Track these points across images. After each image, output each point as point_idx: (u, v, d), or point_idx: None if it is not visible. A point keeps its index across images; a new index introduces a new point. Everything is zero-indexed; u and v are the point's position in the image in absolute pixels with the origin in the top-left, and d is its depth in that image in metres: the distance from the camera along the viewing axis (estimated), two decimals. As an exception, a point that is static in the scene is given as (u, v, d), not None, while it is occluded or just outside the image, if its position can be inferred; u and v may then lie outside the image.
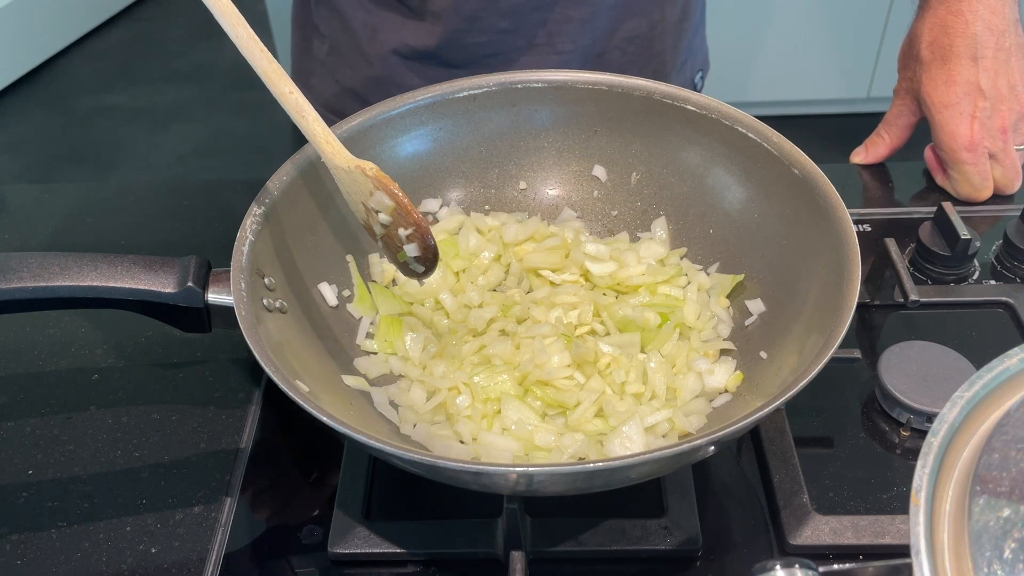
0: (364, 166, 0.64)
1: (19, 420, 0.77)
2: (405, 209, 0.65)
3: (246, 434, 0.75)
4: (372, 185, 0.65)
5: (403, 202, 0.64)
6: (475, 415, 0.68)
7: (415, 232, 0.65)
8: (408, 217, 0.65)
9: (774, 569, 0.46)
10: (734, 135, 0.76)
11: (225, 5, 0.63)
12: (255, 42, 0.63)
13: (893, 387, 0.71)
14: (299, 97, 0.64)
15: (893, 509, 0.66)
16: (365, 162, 0.65)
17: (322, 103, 1.06)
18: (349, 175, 0.66)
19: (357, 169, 0.65)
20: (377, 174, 0.64)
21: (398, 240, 0.66)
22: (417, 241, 0.66)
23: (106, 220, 0.99)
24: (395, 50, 0.98)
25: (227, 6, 0.63)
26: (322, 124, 0.66)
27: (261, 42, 0.64)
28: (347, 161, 0.65)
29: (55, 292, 0.64)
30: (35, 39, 3.27)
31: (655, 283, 0.77)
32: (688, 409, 0.69)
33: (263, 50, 0.64)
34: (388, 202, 0.65)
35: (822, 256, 0.67)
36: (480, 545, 0.65)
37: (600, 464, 0.52)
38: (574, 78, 0.81)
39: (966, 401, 0.43)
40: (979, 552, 0.38)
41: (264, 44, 0.65)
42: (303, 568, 0.66)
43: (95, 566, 0.66)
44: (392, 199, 0.64)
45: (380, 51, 0.99)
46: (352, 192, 0.67)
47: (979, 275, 0.85)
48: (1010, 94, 0.89)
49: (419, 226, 0.65)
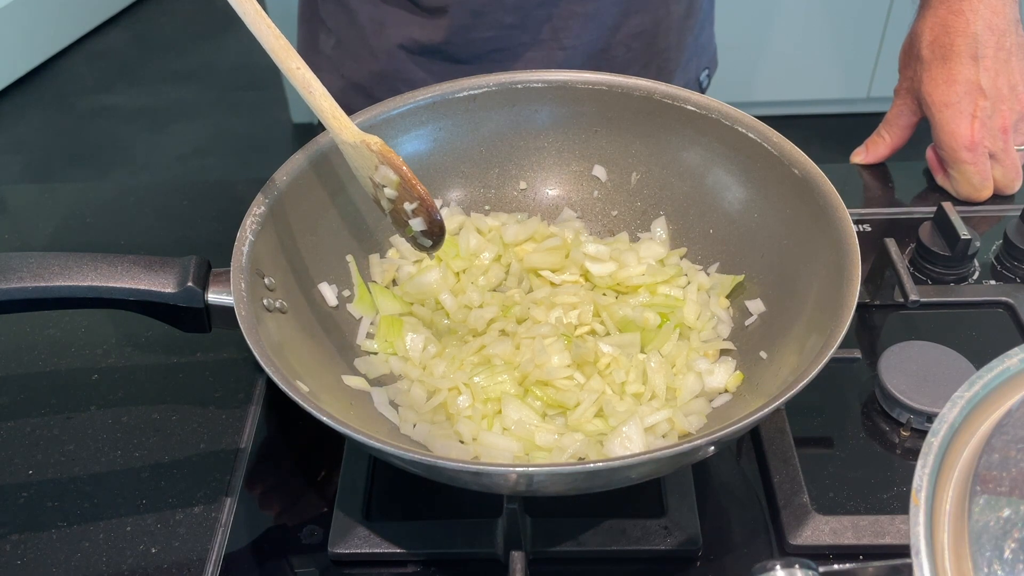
0: (369, 140, 0.65)
1: (19, 420, 0.77)
2: (409, 183, 0.65)
3: (246, 434, 0.75)
4: (377, 159, 0.65)
5: (407, 175, 0.65)
6: (475, 415, 0.68)
7: (420, 206, 0.65)
8: (413, 191, 0.65)
9: (774, 569, 0.46)
10: (734, 135, 0.76)
11: None
12: (262, 18, 0.63)
13: (893, 387, 0.71)
14: (306, 72, 0.64)
15: (893, 509, 0.66)
16: (370, 136, 0.65)
17: None
18: (356, 150, 0.66)
19: (363, 144, 0.65)
20: (381, 148, 0.65)
21: (405, 215, 0.67)
22: (423, 215, 0.66)
23: (106, 220, 1.00)
24: (401, 45, 0.99)
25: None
26: (329, 99, 0.66)
27: (268, 18, 0.64)
28: (353, 136, 0.65)
29: (55, 292, 0.64)
30: (35, 39, 3.27)
31: (655, 283, 0.77)
32: (688, 409, 0.69)
33: (270, 26, 0.64)
34: (393, 176, 0.65)
35: (822, 256, 0.67)
36: (480, 545, 0.65)
37: (600, 464, 0.52)
38: (574, 78, 0.81)
39: (966, 401, 0.43)
40: (979, 552, 0.38)
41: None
42: (303, 568, 0.66)
43: (95, 566, 0.66)
44: (396, 173, 0.65)
45: (386, 45, 0.99)
46: (360, 167, 0.67)
47: (979, 275, 0.85)
48: (1011, 94, 0.89)
49: (424, 200, 0.65)
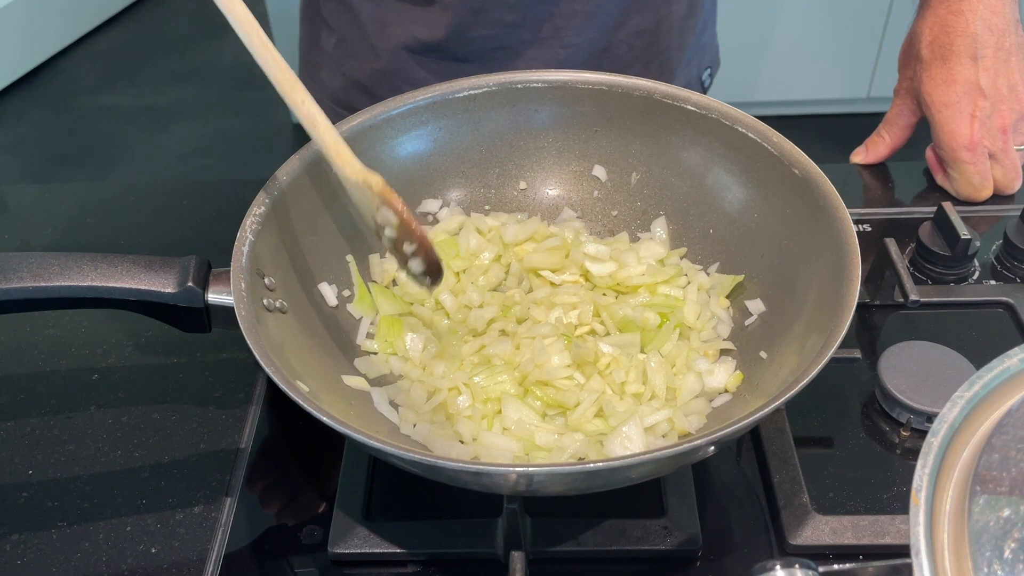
0: (371, 181, 0.64)
1: (19, 420, 0.77)
2: (408, 227, 0.65)
3: (246, 434, 0.75)
4: (378, 200, 0.65)
5: (405, 219, 0.65)
6: (475, 415, 0.68)
7: (419, 248, 0.65)
8: (411, 235, 0.65)
9: (774, 569, 0.46)
10: (734, 135, 0.76)
11: (240, 12, 0.63)
12: (269, 50, 0.63)
13: (893, 387, 0.71)
14: (312, 107, 0.65)
15: (893, 509, 0.66)
16: (372, 175, 0.65)
17: (329, 96, 1.07)
18: (359, 189, 0.66)
19: (364, 184, 0.65)
20: (382, 190, 0.64)
21: (404, 254, 0.67)
22: (421, 256, 0.66)
23: (106, 220, 1.00)
24: (403, 43, 0.99)
25: (242, 13, 0.63)
26: (333, 134, 0.66)
27: (275, 49, 0.64)
28: (356, 174, 0.65)
29: (55, 292, 0.64)
30: (35, 39, 3.27)
31: (655, 283, 0.77)
32: (688, 409, 0.69)
33: (277, 58, 0.64)
34: (393, 218, 0.65)
35: (822, 256, 0.67)
36: (480, 545, 0.65)
37: (600, 464, 0.52)
38: (574, 78, 0.81)
39: (966, 401, 0.43)
40: (979, 552, 0.38)
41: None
42: (303, 568, 0.66)
43: (95, 566, 0.66)
44: (396, 215, 0.65)
45: (388, 44, 1.00)
46: (361, 204, 0.67)
47: (979, 275, 0.85)
48: (1010, 94, 0.89)
49: (422, 243, 0.65)
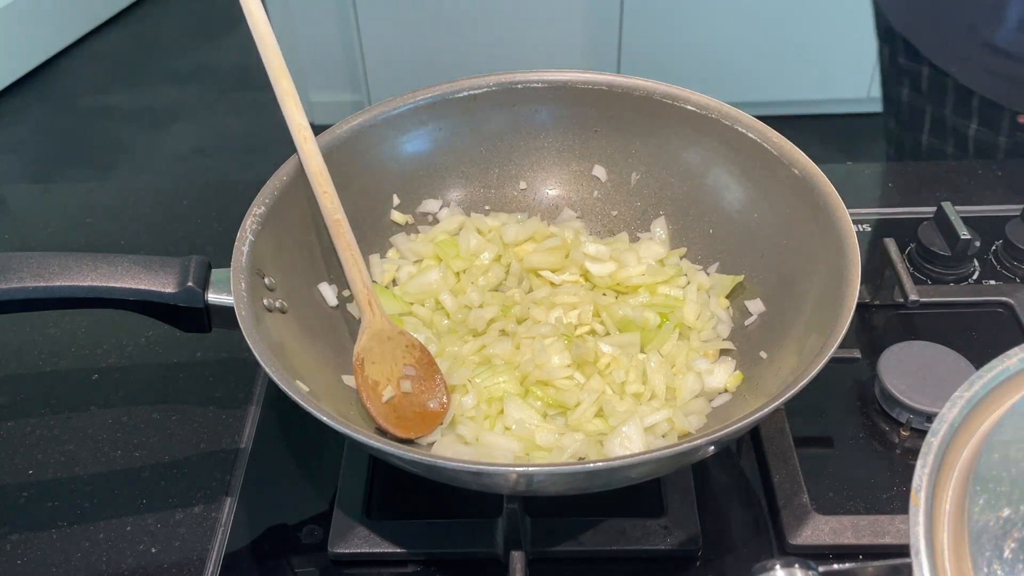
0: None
1: (19, 420, 0.77)
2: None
3: (246, 434, 0.75)
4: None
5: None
6: (478, 416, 0.68)
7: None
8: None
9: (774, 569, 0.46)
10: (734, 135, 0.76)
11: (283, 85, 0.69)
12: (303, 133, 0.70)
13: (893, 387, 0.71)
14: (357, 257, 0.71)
15: (893, 509, 0.66)
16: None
17: None
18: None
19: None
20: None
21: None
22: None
23: (106, 220, 0.99)
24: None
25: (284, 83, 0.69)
26: (366, 281, 0.71)
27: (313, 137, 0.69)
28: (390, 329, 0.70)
29: (55, 292, 0.64)
30: (35, 39, 3.26)
31: (655, 283, 0.77)
32: (688, 409, 0.69)
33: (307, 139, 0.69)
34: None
35: (822, 256, 0.67)
36: (480, 545, 0.65)
37: (600, 464, 0.52)
38: (574, 78, 0.81)
39: (966, 401, 0.43)
40: (979, 552, 0.38)
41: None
42: (303, 568, 0.66)
43: (95, 566, 0.66)
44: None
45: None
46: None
47: (979, 275, 0.85)
48: None
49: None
